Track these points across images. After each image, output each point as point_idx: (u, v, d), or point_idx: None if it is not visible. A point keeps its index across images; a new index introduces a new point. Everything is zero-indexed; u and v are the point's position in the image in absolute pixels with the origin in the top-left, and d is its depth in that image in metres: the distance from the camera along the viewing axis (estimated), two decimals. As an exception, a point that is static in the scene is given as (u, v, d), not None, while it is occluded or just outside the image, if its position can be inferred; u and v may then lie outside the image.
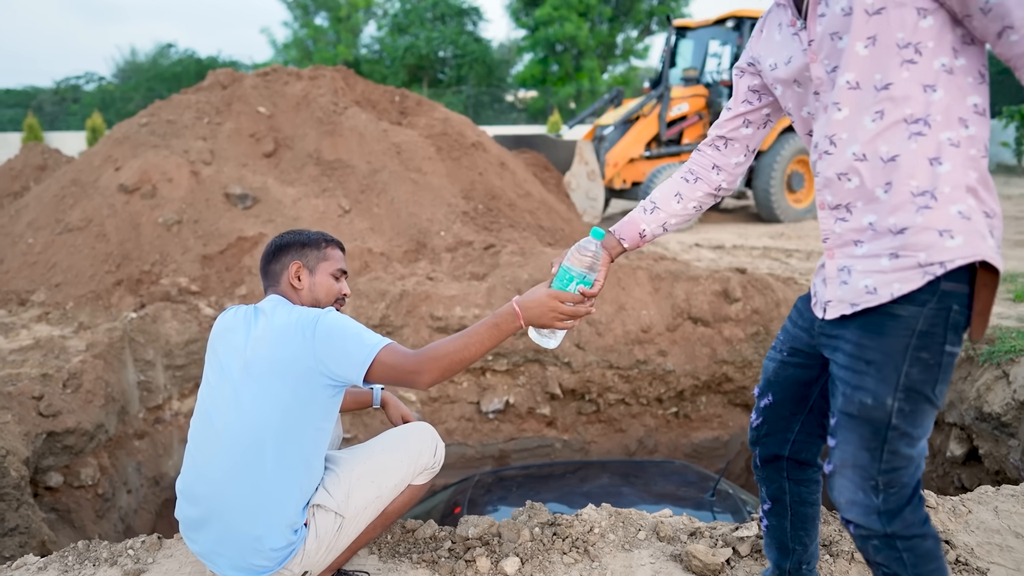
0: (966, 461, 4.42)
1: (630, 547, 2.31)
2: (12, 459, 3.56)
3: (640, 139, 10.60)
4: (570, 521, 2.37)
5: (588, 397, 5.52)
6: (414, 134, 7.23)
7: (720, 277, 5.59)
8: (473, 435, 5.48)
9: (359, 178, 6.72)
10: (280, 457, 1.89)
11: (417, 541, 2.31)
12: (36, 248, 5.71)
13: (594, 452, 5.60)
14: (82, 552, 2.28)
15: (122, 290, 5.35)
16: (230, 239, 5.82)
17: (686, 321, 5.54)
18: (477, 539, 2.28)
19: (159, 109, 7.09)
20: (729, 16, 10.71)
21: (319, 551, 1.98)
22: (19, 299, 5.34)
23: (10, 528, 3.46)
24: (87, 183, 6.13)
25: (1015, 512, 2.46)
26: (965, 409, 4.29)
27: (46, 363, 4.28)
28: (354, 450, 2.16)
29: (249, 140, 6.88)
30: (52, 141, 24.88)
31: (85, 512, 4.14)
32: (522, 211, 7.16)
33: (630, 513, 2.46)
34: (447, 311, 5.34)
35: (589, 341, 5.37)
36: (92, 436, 4.19)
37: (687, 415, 5.69)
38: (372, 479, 2.08)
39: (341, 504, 2.01)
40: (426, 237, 6.41)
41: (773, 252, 8.01)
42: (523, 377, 5.49)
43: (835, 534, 2.26)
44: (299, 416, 1.91)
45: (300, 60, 33.98)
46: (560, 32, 29.95)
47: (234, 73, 7.61)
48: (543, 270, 5.52)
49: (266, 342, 1.94)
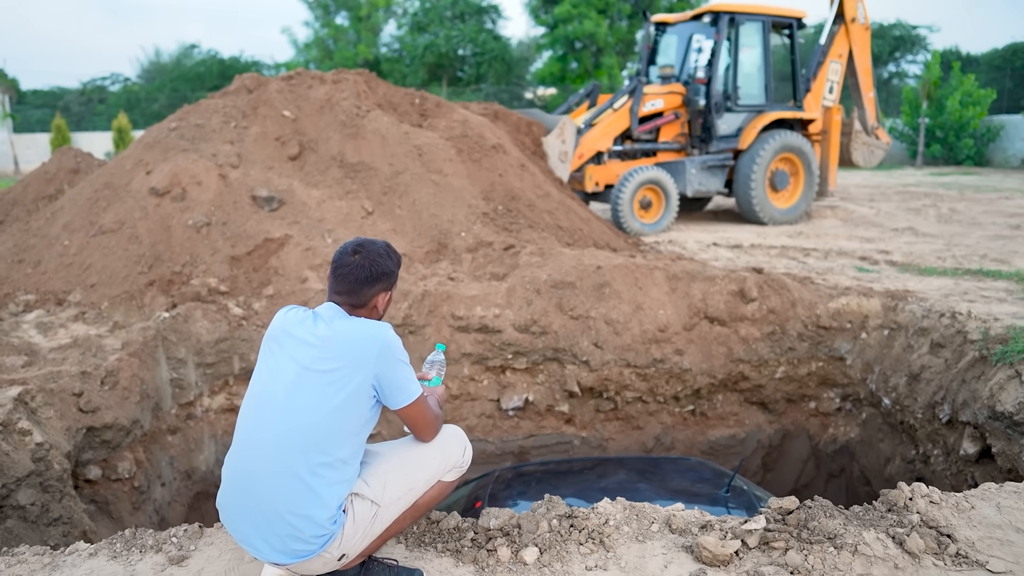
0: (979, 459, 4.49)
1: (644, 539, 2.43)
2: (55, 453, 3.74)
3: (609, 132, 10.28)
4: (586, 514, 2.49)
5: (606, 395, 5.63)
6: (435, 136, 7.36)
7: (736, 277, 5.67)
8: (494, 432, 5.62)
9: (382, 180, 6.87)
10: (324, 458, 2.04)
11: (442, 532, 2.44)
12: (72, 250, 5.91)
13: (612, 449, 5.71)
14: (129, 539, 2.44)
15: (154, 290, 5.54)
16: (257, 240, 5.99)
17: (703, 320, 5.64)
18: (498, 530, 2.41)
19: (187, 113, 7.29)
20: (707, 11, 10.43)
21: (355, 535, 2.13)
22: (56, 299, 5.54)
23: (54, 518, 3.65)
24: (119, 186, 6.33)
25: (1016, 508, 2.55)
26: (978, 408, 4.36)
27: (84, 361, 4.47)
28: (391, 445, 2.31)
29: (275, 143, 7.05)
30: (79, 141, 25.36)
31: (122, 504, 4.32)
32: (541, 211, 7.27)
33: (644, 507, 2.58)
34: (468, 311, 5.47)
35: (607, 340, 5.48)
36: (128, 431, 4.37)
37: (704, 413, 5.78)
38: (407, 472, 2.24)
39: (377, 493, 2.16)
40: (447, 238, 6.55)
41: (791, 251, 8.06)
42: (542, 375, 5.62)
43: (840, 527, 2.36)
44: (345, 421, 2.07)
45: (321, 60, 34.28)
46: (579, 29, 29.95)
47: (259, 77, 7.78)
48: (561, 270, 5.64)
49: (327, 349, 2.09)
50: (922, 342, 5.19)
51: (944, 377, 4.83)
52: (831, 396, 5.80)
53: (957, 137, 22.45)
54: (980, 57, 31.57)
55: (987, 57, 31.28)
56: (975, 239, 8.83)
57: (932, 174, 19.73)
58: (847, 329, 5.65)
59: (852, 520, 2.43)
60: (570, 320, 5.52)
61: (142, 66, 36.92)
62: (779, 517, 2.42)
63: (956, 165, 22.68)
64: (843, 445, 5.75)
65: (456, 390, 5.55)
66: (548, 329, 5.47)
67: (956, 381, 4.67)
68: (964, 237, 9.03)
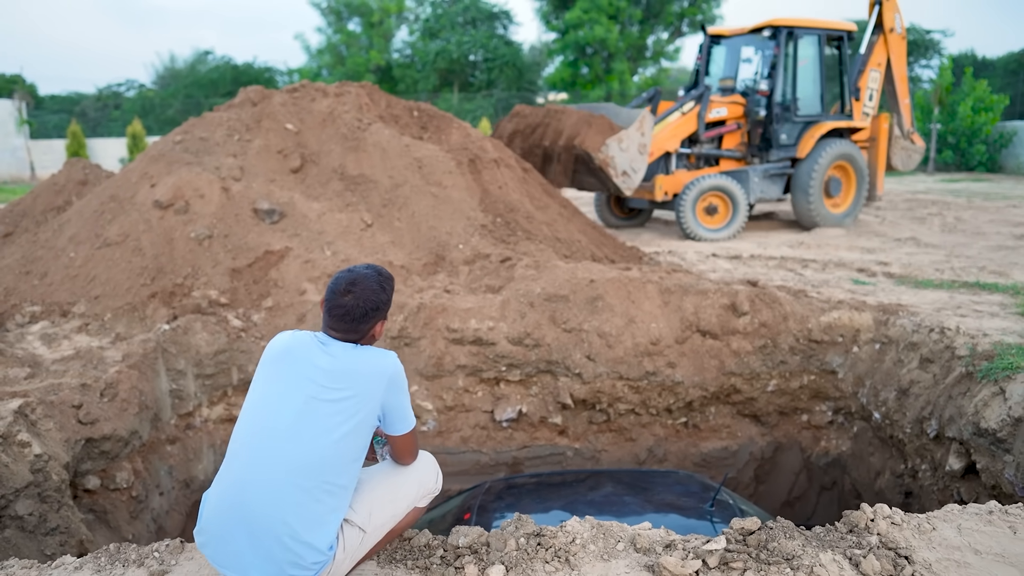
0: (965, 475, 4.52)
1: (608, 557, 2.50)
2: (54, 464, 3.86)
3: (677, 134, 10.75)
4: (554, 532, 2.56)
5: (599, 407, 5.70)
6: (436, 149, 7.46)
7: (728, 291, 5.73)
8: (487, 443, 5.69)
9: (381, 192, 6.97)
10: (327, 485, 2.11)
11: (412, 549, 2.52)
12: (77, 261, 6.05)
13: (605, 460, 5.77)
14: (113, 554, 2.54)
15: (156, 302, 5.66)
16: (257, 253, 6.10)
17: (695, 334, 5.69)
18: (467, 548, 2.49)
19: (192, 127, 7.42)
20: (766, 25, 10.90)
21: (344, 561, 2.23)
22: (61, 310, 5.68)
23: (51, 528, 3.76)
24: (124, 199, 6.47)
25: (977, 530, 2.60)
26: (964, 424, 4.39)
27: (85, 373, 4.59)
28: (372, 472, 2.40)
29: (277, 156, 7.18)
30: (94, 147, 25.69)
31: (120, 513, 4.44)
32: (540, 224, 7.35)
33: (612, 525, 2.65)
34: (462, 324, 5.56)
35: (599, 353, 5.55)
36: (127, 442, 4.49)
37: (696, 425, 5.84)
38: (391, 499, 2.35)
39: (364, 520, 2.26)
40: (445, 250, 6.64)
41: (789, 262, 8.09)
42: (536, 387, 5.69)
43: (798, 549, 2.42)
44: (349, 449, 2.15)
45: (333, 65, 34.59)
46: (590, 35, 30.06)
47: (264, 90, 7.91)
48: (555, 284, 5.72)
49: (336, 379, 2.15)
50: (912, 357, 5.22)
51: (932, 392, 4.87)
52: (823, 409, 5.84)
53: (969, 143, 22.33)
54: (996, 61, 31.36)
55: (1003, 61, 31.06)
56: (977, 249, 8.82)
57: (943, 180, 19.65)
58: (839, 343, 5.69)
59: (812, 541, 2.49)
60: (563, 333, 5.60)
61: (157, 72, 37.37)
62: (740, 537, 2.48)
63: (968, 171, 22.55)
64: (835, 458, 5.78)
65: (450, 401, 5.64)
66: (541, 342, 5.55)
67: (943, 397, 4.71)
68: (966, 248, 9.02)
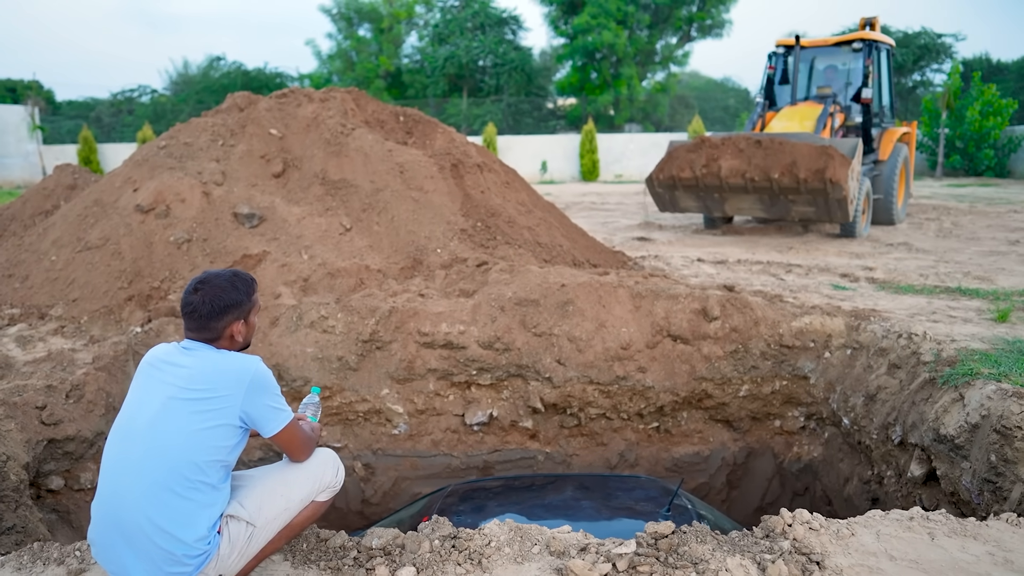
0: (927, 481, 4.49)
1: (522, 560, 2.51)
2: (12, 464, 3.92)
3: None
4: (470, 535, 2.58)
5: (570, 411, 5.70)
6: (418, 153, 7.51)
7: (699, 296, 5.72)
8: (458, 446, 5.71)
9: (362, 197, 7.02)
10: (189, 482, 2.15)
11: (328, 550, 2.55)
12: (58, 265, 6.14)
13: (576, 465, 5.77)
14: (36, 552, 2.59)
15: (132, 305, 5.74)
16: (235, 256, 6.17)
17: (666, 338, 5.69)
18: (380, 549, 2.51)
19: (178, 132, 7.52)
20: (857, 39, 11.66)
21: (231, 556, 2.24)
22: (39, 313, 5.77)
23: (7, 527, 3.81)
24: (107, 203, 6.57)
25: (895, 536, 2.59)
26: (925, 431, 4.36)
27: (52, 375, 4.66)
28: (265, 468, 2.43)
29: (260, 161, 7.25)
30: (106, 152, 26.01)
31: (84, 513, 4.49)
32: (521, 228, 7.37)
33: (530, 528, 2.67)
34: (433, 327, 5.58)
35: (570, 357, 5.56)
36: (92, 443, 4.55)
37: (668, 430, 5.83)
38: (282, 493, 2.36)
39: (253, 515, 2.28)
40: (423, 254, 6.68)
41: (774, 267, 8.06)
42: (507, 391, 5.71)
43: (708, 553, 2.42)
44: (209, 448, 2.19)
45: (343, 71, 34.81)
46: (598, 40, 30.09)
47: (251, 96, 8.00)
48: (526, 288, 5.73)
49: (194, 380, 2.20)
50: (881, 362, 5.19)
51: (898, 398, 4.84)
52: (796, 415, 5.81)
53: (977, 148, 22.11)
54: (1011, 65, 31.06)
55: (1018, 65, 30.78)
56: (968, 255, 8.75)
57: (950, 185, 19.47)
58: (811, 348, 5.66)
59: (723, 546, 2.49)
60: (534, 337, 5.61)
61: (170, 77, 37.82)
62: (652, 541, 2.49)
63: (976, 176, 22.33)
64: (807, 464, 5.75)
65: (421, 405, 5.66)
66: (512, 346, 5.57)
67: (907, 403, 4.68)
68: (957, 253, 8.95)
